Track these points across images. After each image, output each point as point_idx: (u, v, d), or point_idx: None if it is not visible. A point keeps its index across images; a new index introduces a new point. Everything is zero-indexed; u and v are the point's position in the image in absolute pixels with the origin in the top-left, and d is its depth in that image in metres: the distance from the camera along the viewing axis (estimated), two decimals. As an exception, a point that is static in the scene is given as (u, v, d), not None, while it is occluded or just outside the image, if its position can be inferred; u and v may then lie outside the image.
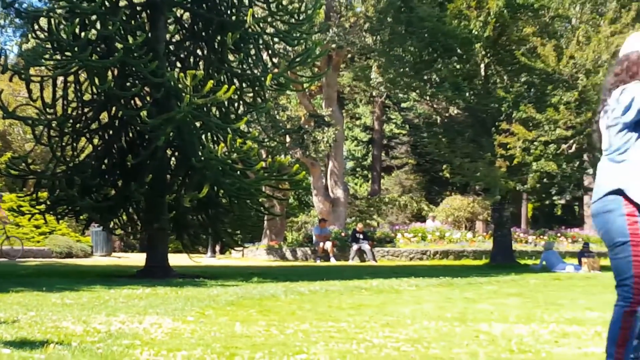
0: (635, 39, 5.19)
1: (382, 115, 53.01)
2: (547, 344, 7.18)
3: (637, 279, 4.81)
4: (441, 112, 26.81)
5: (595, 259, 23.29)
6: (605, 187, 4.97)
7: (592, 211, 5.10)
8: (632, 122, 4.88)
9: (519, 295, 13.26)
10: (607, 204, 4.96)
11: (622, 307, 4.87)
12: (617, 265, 4.93)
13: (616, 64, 5.23)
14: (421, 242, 31.60)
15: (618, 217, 4.88)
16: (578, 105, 22.79)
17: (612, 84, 5.10)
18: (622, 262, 4.88)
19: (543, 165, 22.62)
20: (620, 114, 4.92)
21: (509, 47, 24.33)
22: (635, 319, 4.84)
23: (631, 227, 4.83)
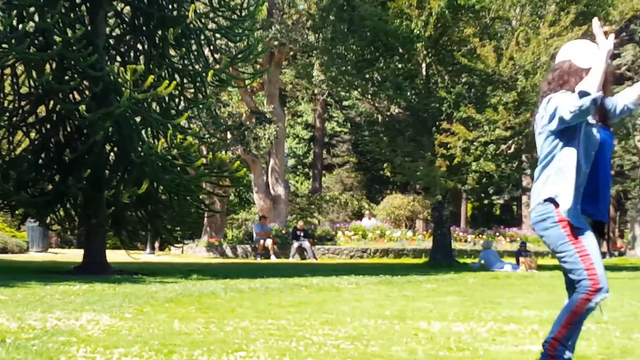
0: (568, 48, 5.30)
1: (323, 113, 53.08)
2: (485, 342, 7.22)
3: (589, 271, 4.98)
4: (382, 110, 26.90)
5: (532, 258, 23.56)
6: (537, 196, 5.15)
7: (530, 220, 5.27)
8: (557, 130, 5.01)
9: (457, 293, 13.35)
10: (540, 213, 5.15)
11: (581, 293, 5.02)
12: (568, 265, 5.07)
13: (549, 72, 5.35)
14: (362, 240, 31.69)
15: (552, 225, 5.07)
16: (517, 106, 23.01)
17: (545, 91, 5.25)
18: (572, 259, 5.04)
19: (482, 165, 22.81)
20: (547, 122, 5.07)
21: (450, 48, 24.48)
22: (588, 308, 5.01)
23: (564, 229, 5.02)
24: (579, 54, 5.20)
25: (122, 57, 19.64)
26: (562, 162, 5.01)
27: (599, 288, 4.95)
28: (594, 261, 4.97)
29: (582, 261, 4.99)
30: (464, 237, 35.08)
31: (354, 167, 57.61)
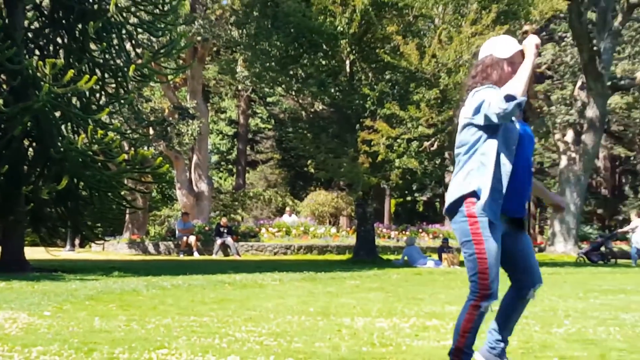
0: (490, 44, 5.36)
1: (247, 109, 52.96)
2: (408, 337, 7.26)
3: (481, 275, 5.04)
4: (306, 107, 26.89)
5: (454, 254, 23.81)
6: (457, 188, 5.19)
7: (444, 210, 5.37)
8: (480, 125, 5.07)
9: (381, 289, 13.40)
10: (453, 207, 5.22)
11: (470, 300, 5.13)
12: (466, 262, 5.17)
13: (473, 68, 5.44)
14: (285, 237, 31.68)
15: (461, 218, 5.13)
16: (440, 103, 23.20)
17: (470, 86, 5.29)
18: (470, 259, 5.11)
19: (406, 162, 22.93)
20: (471, 114, 5.11)
21: (374, 45, 24.56)
22: (480, 313, 5.12)
23: (472, 227, 5.05)
24: (499, 46, 5.27)
25: (41, 51, 19.28)
26: (484, 156, 5.04)
27: (487, 294, 5.04)
28: (489, 266, 5.02)
29: (479, 264, 5.04)
30: (387, 233, 35.28)
31: (278, 163, 57.60)
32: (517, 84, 4.85)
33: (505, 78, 5.11)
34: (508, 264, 5.25)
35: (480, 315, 5.11)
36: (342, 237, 32.62)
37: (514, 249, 5.22)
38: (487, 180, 5.01)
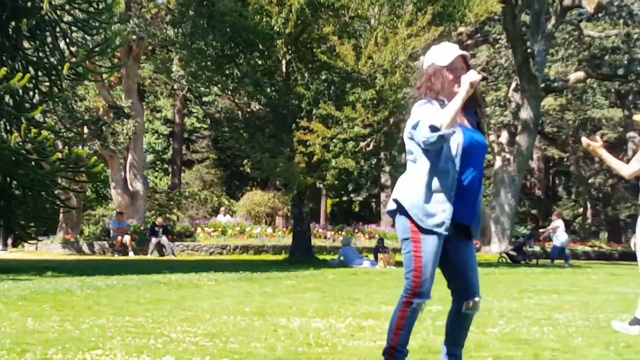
0: (432, 52, 5.33)
1: (183, 108, 52.68)
2: (344, 337, 7.29)
3: (415, 273, 5.08)
4: (242, 107, 26.81)
5: (390, 254, 23.95)
6: (397, 190, 5.22)
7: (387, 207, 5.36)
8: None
9: (317, 290, 13.42)
10: (394, 204, 5.22)
11: (402, 297, 5.17)
12: (404, 259, 5.19)
13: (419, 78, 5.40)
14: (221, 237, 31.57)
15: (400, 215, 5.16)
16: (376, 104, 23.31)
17: (415, 97, 5.28)
18: (407, 256, 5.14)
19: (342, 162, 23.00)
20: (411, 127, 5.12)
21: (310, 45, 24.60)
22: (412, 310, 5.14)
23: (411, 224, 5.09)
24: (439, 54, 5.24)
25: (-27, 49, 18.96)
26: (422, 164, 5.06)
27: (419, 292, 5.07)
28: (423, 264, 5.05)
29: (414, 262, 5.08)
30: (323, 233, 35.36)
31: (214, 163, 57.35)
32: (444, 116, 4.84)
33: (448, 86, 5.13)
34: (446, 271, 5.26)
35: (413, 312, 5.13)
36: (278, 237, 32.61)
37: (454, 257, 5.20)
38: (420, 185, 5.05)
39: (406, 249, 5.12)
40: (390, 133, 23.91)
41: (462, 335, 5.37)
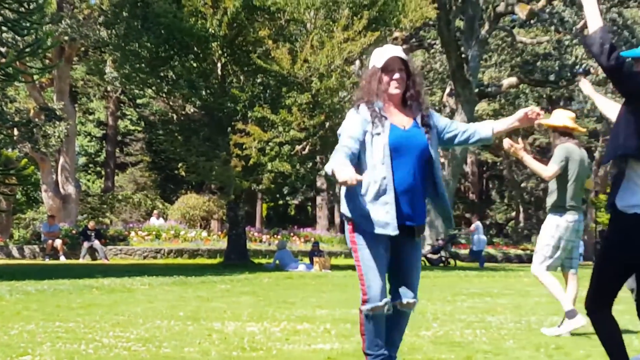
0: (374, 55, 5.33)
1: (116, 110, 52.17)
2: (279, 341, 7.25)
3: (360, 281, 5.09)
4: (177, 109, 26.62)
5: (326, 258, 23.99)
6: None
7: None
8: None
9: (252, 293, 13.38)
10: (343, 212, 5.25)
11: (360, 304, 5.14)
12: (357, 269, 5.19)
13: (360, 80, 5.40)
14: (155, 241, 31.28)
15: (346, 225, 5.20)
16: (312, 108, 23.32)
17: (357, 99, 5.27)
18: (356, 266, 5.14)
19: (277, 165, 22.96)
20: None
21: (246, 48, 24.52)
22: (365, 317, 5.10)
23: (351, 235, 5.12)
24: (377, 56, 5.24)
25: None
26: (361, 167, 5.06)
27: (366, 299, 5.06)
28: (364, 272, 5.06)
29: (358, 270, 5.11)
30: (259, 237, 35.29)
31: (148, 166, 56.87)
32: (331, 164, 4.87)
33: (384, 87, 5.15)
34: (389, 271, 5.23)
35: (367, 319, 5.09)
36: (213, 240, 32.43)
37: (396, 257, 5.19)
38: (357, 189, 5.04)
39: (354, 258, 5.15)
40: (326, 137, 23.93)
41: (397, 335, 5.35)
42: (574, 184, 8.46)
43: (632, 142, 4.59)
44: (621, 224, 4.69)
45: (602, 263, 4.85)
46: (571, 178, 8.44)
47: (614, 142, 4.72)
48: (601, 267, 4.84)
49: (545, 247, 8.43)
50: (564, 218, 8.43)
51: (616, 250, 4.72)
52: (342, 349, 6.83)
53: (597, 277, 4.84)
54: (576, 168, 8.46)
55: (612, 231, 4.78)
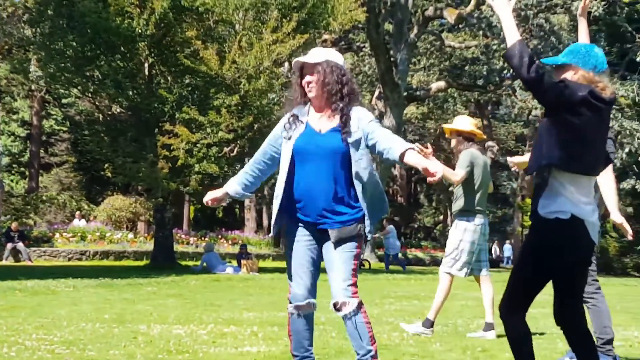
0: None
1: (41, 110, 51.31)
2: (205, 344, 7.22)
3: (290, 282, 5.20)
4: (104, 110, 26.31)
5: (253, 260, 23.93)
6: None
7: None
8: None
9: (178, 296, 13.30)
10: None
11: None
12: None
13: None
14: (81, 242, 30.88)
15: None
16: (240, 109, 23.27)
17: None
18: None
19: (205, 167, 22.85)
20: None
21: (173, 49, 24.36)
22: (290, 315, 5.18)
23: (282, 238, 5.12)
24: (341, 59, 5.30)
25: None
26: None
27: (289, 298, 5.16)
28: (287, 271, 5.21)
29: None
30: (186, 239, 35.11)
31: (74, 166, 56.13)
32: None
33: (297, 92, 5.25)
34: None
35: (292, 318, 5.15)
36: (139, 242, 32.15)
37: (325, 256, 5.20)
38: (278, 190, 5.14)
39: None
40: (255, 138, 23.89)
41: (352, 342, 5.22)
42: (479, 189, 8.68)
43: (554, 152, 4.67)
44: (542, 229, 4.77)
45: (521, 267, 4.90)
46: (477, 183, 8.67)
47: (537, 152, 4.80)
48: (520, 271, 4.89)
49: (454, 251, 8.59)
50: (473, 222, 8.62)
51: (536, 255, 4.79)
52: (269, 351, 6.82)
53: (515, 281, 4.89)
54: (481, 173, 8.70)
55: (533, 236, 4.85)
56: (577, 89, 4.67)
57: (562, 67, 4.96)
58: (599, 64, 4.90)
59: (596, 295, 6.47)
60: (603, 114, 4.79)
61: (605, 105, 4.79)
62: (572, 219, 4.68)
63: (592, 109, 4.67)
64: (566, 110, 4.65)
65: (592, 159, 4.78)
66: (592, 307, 6.46)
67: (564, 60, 4.94)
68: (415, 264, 38.48)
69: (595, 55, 4.93)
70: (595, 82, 4.80)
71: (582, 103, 4.64)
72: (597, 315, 6.44)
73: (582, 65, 4.87)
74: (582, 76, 4.82)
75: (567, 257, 4.76)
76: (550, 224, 4.73)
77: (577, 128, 4.65)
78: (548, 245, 4.73)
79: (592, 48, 4.99)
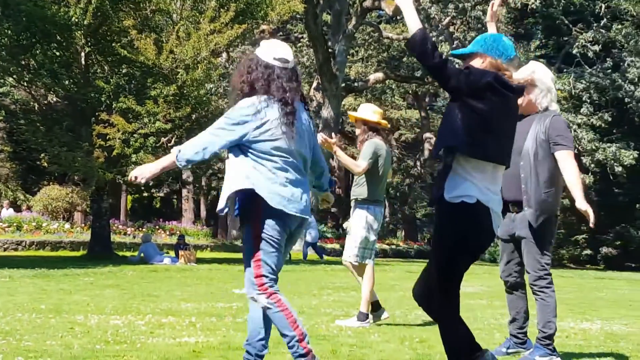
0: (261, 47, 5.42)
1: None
2: (143, 334, 7.24)
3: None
4: (39, 99, 26.01)
5: (191, 251, 23.87)
6: None
7: None
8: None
9: (116, 286, 13.26)
10: None
11: None
12: None
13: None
14: (16, 232, 30.48)
15: None
16: (177, 99, 23.18)
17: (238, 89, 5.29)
18: None
19: (142, 157, 22.73)
20: None
21: (110, 38, 24.16)
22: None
23: None
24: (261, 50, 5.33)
25: None
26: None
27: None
28: None
29: None
30: (123, 229, 34.84)
31: (9, 156, 55.26)
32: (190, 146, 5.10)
33: None
34: None
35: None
36: (76, 233, 31.83)
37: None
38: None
39: None
40: (192, 129, 23.83)
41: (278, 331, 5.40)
42: (381, 178, 8.79)
43: (458, 137, 4.73)
44: (449, 214, 4.82)
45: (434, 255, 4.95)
46: (380, 173, 8.76)
47: (441, 137, 4.87)
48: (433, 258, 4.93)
49: (359, 238, 8.67)
50: (373, 211, 8.74)
51: (449, 239, 4.84)
52: (208, 342, 6.86)
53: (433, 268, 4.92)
54: (383, 163, 8.78)
55: (440, 222, 4.89)
56: (481, 75, 4.74)
57: (470, 56, 5.03)
58: (507, 52, 4.97)
59: (546, 290, 6.48)
60: (510, 102, 4.86)
61: (513, 94, 4.87)
62: (478, 204, 4.75)
63: (498, 94, 4.72)
64: (471, 96, 4.69)
65: (498, 148, 4.82)
66: (540, 301, 6.50)
67: (471, 49, 5.01)
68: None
69: (503, 43, 5.00)
70: (503, 69, 4.89)
71: (486, 88, 4.69)
72: (543, 310, 6.47)
73: (489, 52, 4.94)
74: (489, 63, 4.91)
75: (470, 242, 4.83)
76: (456, 208, 4.78)
77: (482, 114, 4.70)
78: (456, 230, 4.80)
79: (499, 37, 5.06)
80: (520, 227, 6.52)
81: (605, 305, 13.36)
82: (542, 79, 6.55)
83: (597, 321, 9.93)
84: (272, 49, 5.27)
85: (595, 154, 37.10)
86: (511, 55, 4.99)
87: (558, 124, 6.46)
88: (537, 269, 6.47)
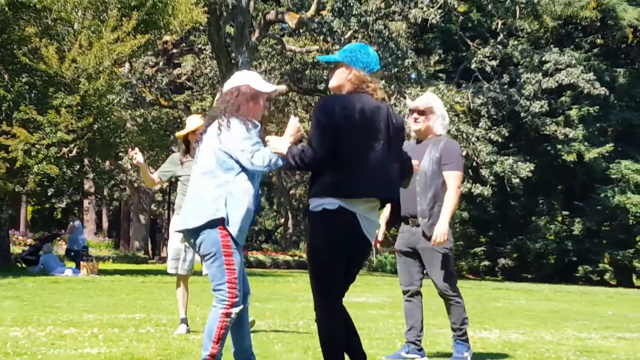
0: (244, 75, 5.75)
1: None
2: (44, 346, 7.18)
3: (230, 285, 5.32)
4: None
5: (94, 262, 23.62)
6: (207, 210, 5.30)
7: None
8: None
9: (16, 298, 13.08)
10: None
11: (219, 308, 5.35)
12: (212, 272, 5.39)
13: (226, 94, 5.76)
14: None
15: (213, 230, 5.29)
16: (79, 109, 22.92)
17: (222, 110, 5.63)
18: (217, 270, 5.34)
19: (44, 168, 22.39)
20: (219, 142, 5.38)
21: (11, 46, 23.77)
22: (230, 320, 5.36)
23: (223, 239, 5.28)
24: (257, 80, 5.59)
25: None
26: (236, 186, 5.40)
27: (237, 302, 5.38)
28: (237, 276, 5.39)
29: (228, 274, 5.38)
30: (23, 240, 34.24)
31: None
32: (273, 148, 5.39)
33: None
34: None
35: (231, 322, 5.36)
36: (-26, 244, 31.12)
37: None
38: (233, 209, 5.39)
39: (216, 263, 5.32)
40: (94, 139, 23.63)
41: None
42: None
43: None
44: (316, 223, 5.03)
45: (310, 265, 5.14)
46: None
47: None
48: (317, 266, 5.10)
49: (178, 251, 8.71)
50: None
51: (315, 249, 5.06)
52: (110, 352, 6.85)
53: (316, 277, 5.11)
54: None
55: (313, 233, 5.08)
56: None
57: (335, 65, 5.20)
58: (370, 65, 5.15)
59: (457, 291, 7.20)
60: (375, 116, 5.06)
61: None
62: (340, 210, 4.93)
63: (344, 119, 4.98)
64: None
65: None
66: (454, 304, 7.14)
67: (336, 58, 5.18)
68: (257, 266, 38.71)
69: (368, 55, 5.16)
70: (367, 81, 5.07)
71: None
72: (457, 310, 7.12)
73: (353, 64, 5.10)
74: (354, 75, 5.08)
75: (338, 246, 5.00)
76: (317, 216, 4.99)
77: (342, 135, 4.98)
78: (319, 235, 5.00)
79: (365, 48, 5.22)
80: (421, 240, 6.94)
81: (502, 314, 13.76)
82: (439, 108, 7.05)
83: (495, 330, 10.22)
84: None
85: (494, 166, 37.79)
86: (375, 68, 5.15)
87: (452, 147, 6.98)
88: (443, 276, 6.98)
